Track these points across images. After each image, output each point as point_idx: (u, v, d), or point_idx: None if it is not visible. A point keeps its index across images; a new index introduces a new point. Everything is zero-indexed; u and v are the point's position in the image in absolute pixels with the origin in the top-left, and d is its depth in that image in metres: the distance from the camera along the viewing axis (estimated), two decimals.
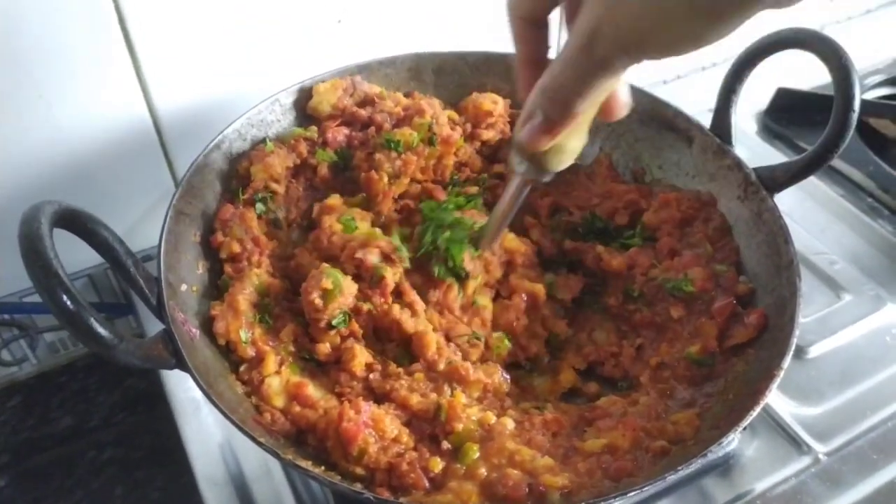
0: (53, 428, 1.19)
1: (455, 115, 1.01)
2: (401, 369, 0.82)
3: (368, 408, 0.74)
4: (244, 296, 0.81)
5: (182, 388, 0.95)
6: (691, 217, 0.94)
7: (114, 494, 1.16)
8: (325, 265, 0.83)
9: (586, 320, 0.95)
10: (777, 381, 0.72)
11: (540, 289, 0.92)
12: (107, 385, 1.19)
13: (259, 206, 0.89)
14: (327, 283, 0.80)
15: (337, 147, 0.96)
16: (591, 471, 0.70)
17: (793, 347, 0.75)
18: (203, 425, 0.92)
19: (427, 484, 0.70)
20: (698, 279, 0.86)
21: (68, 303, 0.57)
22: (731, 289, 0.86)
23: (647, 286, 0.90)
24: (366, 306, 0.83)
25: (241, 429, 0.66)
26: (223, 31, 0.97)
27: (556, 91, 0.56)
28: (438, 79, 1.04)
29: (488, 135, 1.02)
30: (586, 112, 0.60)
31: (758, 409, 0.70)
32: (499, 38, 1.14)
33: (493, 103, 1.01)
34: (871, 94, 1.36)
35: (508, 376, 0.85)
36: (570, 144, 0.68)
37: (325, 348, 0.82)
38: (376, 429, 0.72)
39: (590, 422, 0.79)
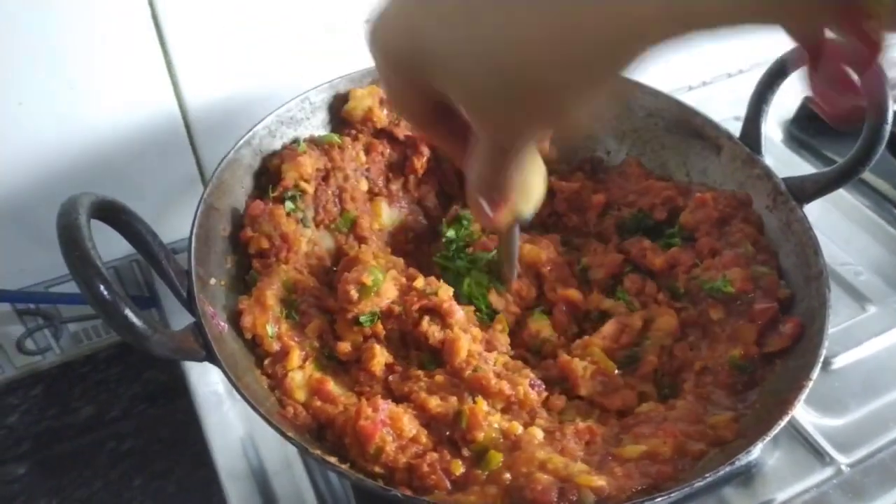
0: (74, 418, 1.19)
1: None
2: (421, 372, 0.82)
3: (386, 406, 0.73)
4: (272, 291, 0.82)
5: (204, 381, 0.95)
6: (729, 216, 0.93)
7: (132, 485, 1.17)
8: (372, 263, 0.84)
9: None
10: (805, 392, 0.72)
11: (575, 293, 0.92)
12: (128, 376, 1.20)
13: (288, 203, 0.90)
14: (367, 279, 0.81)
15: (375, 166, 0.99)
16: (629, 474, 0.69)
17: (821, 358, 0.75)
18: (225, 419, 0.92)
19: (449, 485, 0.69)
20: (738, 280, 0.85)
21: (105, 293, 0.58)
22: (772, 292, 0.84)
23: (690, 284, 0.90)
24: (398, 308, 0.83)
25: (269, 422, 0.66)
26: (254, 27, 0.98)
27: (483, 185, 0.58)
28: None
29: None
30: (519, 171, 0.61)
31: (785, 420, 0.69)
32: None
33: None
34: None
35: (542, 384, 0.81)
36: (533, 184, 0.68)
37: (345, 347, 0.82)
38: (394, 427, 0.72)
39: (628, 429, 0.77)
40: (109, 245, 0.71)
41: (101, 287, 0.57)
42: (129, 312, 0.59)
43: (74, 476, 1.17)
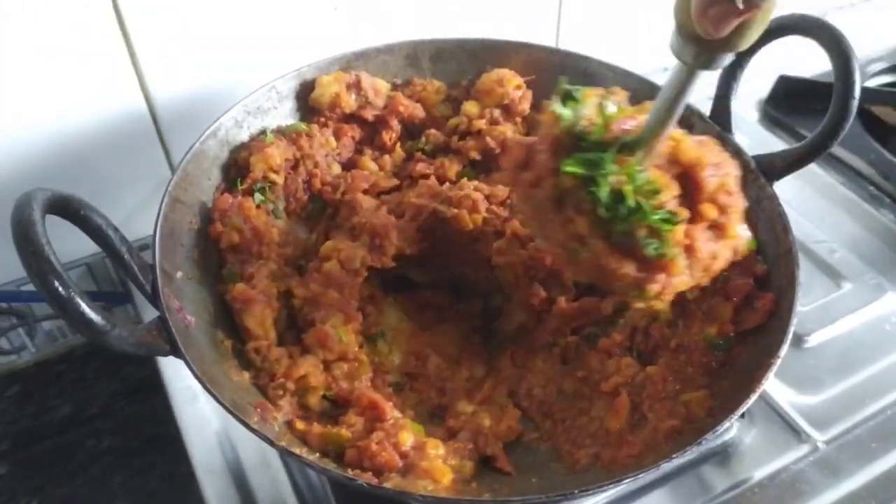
0: (52, 416, 1.19)
1: (473, 109, 1.00)
2: None
3: None
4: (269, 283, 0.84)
5: (179, 376, 0.95)
6: None
7: (113, 482, 1.17)
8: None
9: None
10: (773, 369, 0.71)
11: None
12: (106, 373, 1.19)
13: (257, 195, 0.89)
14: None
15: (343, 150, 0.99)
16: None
17: (790, 336, 0.74)
18: (200, 413, 0.92)
19: (400, 462, 0.69)
20: None
21: (60, 289, 0.57)
22: (748, 268, 0.82)
23: None
24: None
25: (235, 416, 0.66)
26: (219, 19, 0.97)
27: None
28: (436, 66, 1.03)
29: (526, 105, 1.01)
30: None
31: (753, 398, 0.69)
32: (497, 26, 1.15)
33: (514, 76, 1.01)
34: (874, 82, 1.35)
35: None
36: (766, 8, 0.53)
37: None
38: None
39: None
40: (81, 241, 0.69)
41: (56, 283, 0.56)
42: (85, 307, 0.58)
43: (55, 474, 1.17)
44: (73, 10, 0.88)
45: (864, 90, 1.27)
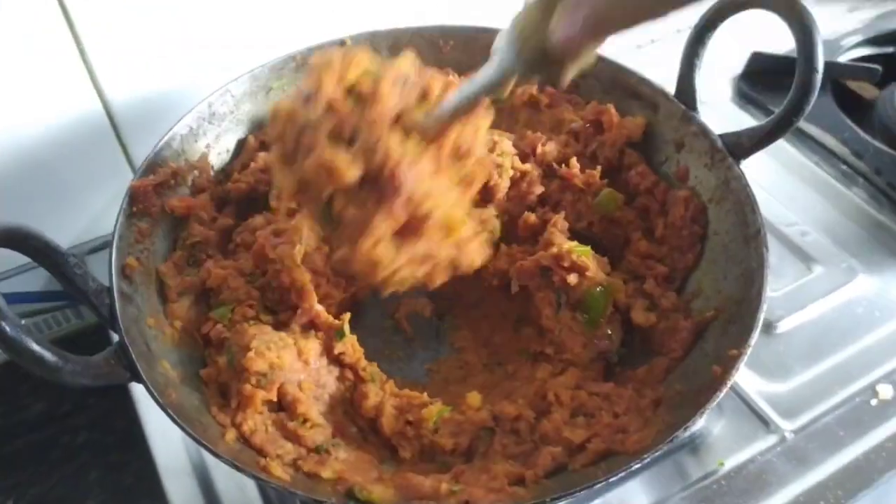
0: (25, 414, 1.17)
1: None
2: None
3: None
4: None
5: None
6: None
7: (88, 479, 1.16)
8: None
9: None
10: (743, 360, 0.71)
11: None
12: None
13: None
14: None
15: None
16: None
17: (760, 322, 0.73)
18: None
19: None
20: None
21: (8, 329, 0.56)
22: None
23: None
24: None
25: (199, 441, 0.65)
26: (170, 18, 0.94)
27: None
28: (395, 56, 1.00)
29: None
30: None
31: (724, 391, 0.68)
32: (463, 12, 1.12)
33: None
34: (850, 55, 1.33)
35: None
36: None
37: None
38: None
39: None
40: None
41: (2, 323, 0.55)
42: (34, 346, 0.57)
43: (30, 472, 1.16)
44: (21, 12, 0.85)
45: (839, 65, 1.26)
